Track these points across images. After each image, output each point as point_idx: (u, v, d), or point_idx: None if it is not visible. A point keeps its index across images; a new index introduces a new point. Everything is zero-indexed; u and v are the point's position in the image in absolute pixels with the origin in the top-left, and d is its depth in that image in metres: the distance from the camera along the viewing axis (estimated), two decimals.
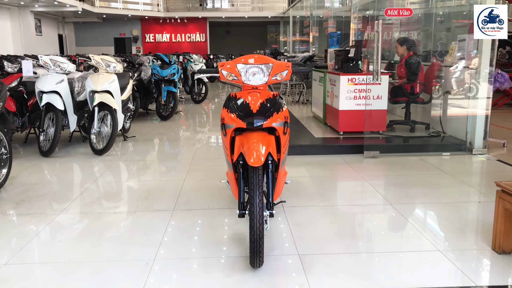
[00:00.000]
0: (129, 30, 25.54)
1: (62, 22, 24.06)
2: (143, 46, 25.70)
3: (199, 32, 25.95)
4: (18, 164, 5.17)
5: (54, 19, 23.20)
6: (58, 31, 23.83)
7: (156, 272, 2.61)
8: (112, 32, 25.34)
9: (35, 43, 19.83)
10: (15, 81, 5.58)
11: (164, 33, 25.87)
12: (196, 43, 26.02)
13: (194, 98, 11.10)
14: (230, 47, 28.47)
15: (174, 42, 25.94)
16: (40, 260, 2.78)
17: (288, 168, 4.86)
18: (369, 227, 3.31)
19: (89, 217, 3.49)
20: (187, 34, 25.99)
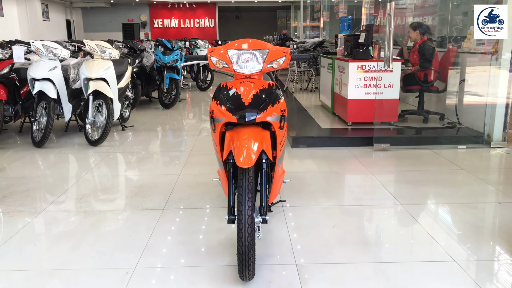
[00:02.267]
0: (137, 16, 25.16)
1: (69, 7, 23.77)
2: (152, 32, 25.32)
3: (208, 17, 25.47)
4: (10, 155, 4.93)
5: (61, 4, 22.92)
6: (66, 17, 23.57)
7: (134, 284, 2.34)
8: (120, 17, 24.99)
9: (43, 28, 19.62)
10: (6, 68, 5.31)
11: (173, 18, 25.44)
12: (205, 28, 25.57)
13: (199, 85, 10.78)
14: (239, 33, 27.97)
15: (182, 27, 25.51)
16: (8, 267, 2.52)
17: (291, 162, 4.58)
18: (377, 232, 2.99)
19: (72, 217, 3.23)
20: (196, 20, 25.53)
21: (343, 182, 3.99)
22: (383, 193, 3.69)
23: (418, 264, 2.53)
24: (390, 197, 3.57)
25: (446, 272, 2.42)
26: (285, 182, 3.08)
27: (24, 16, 18.87)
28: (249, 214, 2.11)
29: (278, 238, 2.86)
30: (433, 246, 2.73)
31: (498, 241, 2.83)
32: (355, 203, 3.46)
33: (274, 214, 3.23)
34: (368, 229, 3.01)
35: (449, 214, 3.26)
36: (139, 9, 25.02)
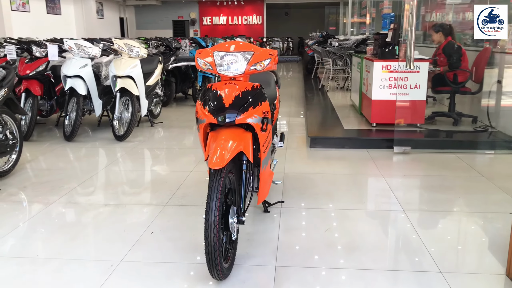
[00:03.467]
0: (187, 13, 25.73)
1: (123, 5, 24.71)
2: (200, 29, 25.81)
3: (255, 14, 25.58)
4: (42, 147, 5.24)
5: (115, 3, 23.86)
6: (119, 14, 24.51)
7: (116, 276, 2.44)
8: (171, 15, 25.65)
9: (96, 26, 20.52)
10: (42, 65, 5.64)
11: (221, 15, 25.78)
12: (253, 25, 25.70)
13: None
14: (287, 30, 27.92)
15: (230, 24, 25.80)
16: (8, 253, 2.71)
17: (304, 163, 4.56)
18: (368, 237, 2.92)
19: (79, 209, 3.40)
20: (244, 17, 25.72)
21: (351, 185, 3.92)
22: (389, 197, 3.59)
23: (401, 273, 2.46)
24: (395, 202, 3.47)
25: (428, 284, 2.34)
26: (276, 183, 3.07)
27: (80, 15, 19.84)
28: (216, 215, 2.15)
29: (265, 239, 2.87)
30: (423, 255, 2.64)
31: (495, 255, 2.68)
32: (356, 207, 3.40)
33: (269, 215, 3.24)
34: (360, 235, 2.95)
35: (451, 223, 3.13)
36: (189, 6, 25.56)
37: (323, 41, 12.85)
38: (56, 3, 18.26)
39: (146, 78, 6.09)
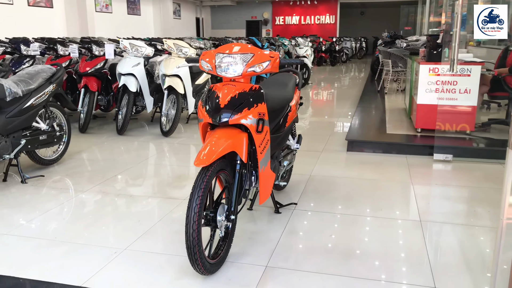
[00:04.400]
0: (261, 13, 26.06)
1: (200, 6, 25.61)
2: (273, 29, 26.02)
3: (329, 13, 25.27)
4: (94, 139, 5.66)
5: (192, 3, 24.80)
6: (196, 15, 25.45)
7: (115, 263, 2.61)
8: (245, 15, 26.15)
9: (173, 26, 21.47)
10: (100, 63, 6.07)
11: (294, 15, 25.79)
12: (325, 25, 25.42)
13: None
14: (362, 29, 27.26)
15: (303, 24, 25.72)
16: (31, 234, 2.99)
17: (335, 166, 4.49)
18: (372, 246, 2.84)
19: (106, 199, 3.65)
20: (317, 16, 25.52)
21: (375, 191, 3.81)
22: (410, 206, 3.45)
23: (394, 285, 2.37)
24: (414, 212, 3.33)
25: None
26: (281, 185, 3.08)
27: (158, 15, 20.90)
28: (196, 211, 2.22)
29: (266, 239, 2.90)
30: (423, 268, 2.52)
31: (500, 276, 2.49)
32: (371, 214, 3.31)
33: (279, 216, 3.26)
34: (364, 242, 2.87)
35: (467, 238, 2.94)
36: (262, 6, 25.89)
37: (391, 41, 12.43)
38: (136, 4, 19.39)
39: (196, 77, 6.33)
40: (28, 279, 2.43)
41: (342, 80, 12.87)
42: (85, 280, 2.43)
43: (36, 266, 2.58)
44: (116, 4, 17.96)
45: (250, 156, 2.66)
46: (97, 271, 2.51)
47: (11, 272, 2.50)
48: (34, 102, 3.98)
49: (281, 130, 3.20)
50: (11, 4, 13.05)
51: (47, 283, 2.40)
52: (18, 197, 3.67)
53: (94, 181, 4.06)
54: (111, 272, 2.51)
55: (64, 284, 2.38)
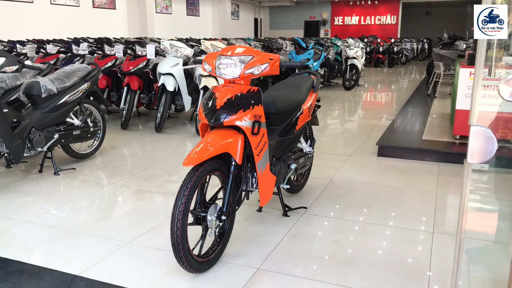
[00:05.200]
0: (319, 13, 25.81)
1: (258, 6, 25.83)
2: (331, 29, 25.67)
3: (390, 14, 24.50)
4: (131, 136, 5.90)
5: (251, 4, 25.07)
6: (254, 15, 25.70)
7: (115, 255, 2.72)
8: (303, 15, 26.01)
9: (231, 27, 21.84)
10: (142, 63, 6.32)
11: (353, 15, 25.27)
12: (386, 25, 24.67)
13: (345, 84, 10.68)
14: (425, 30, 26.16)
15: (362, 25, 25.14)
16: (48, 223, 3.19)
17: (359, 171, 4.37)
18: (373, 255, 2.74)
19: (126, 193, 3.81)
20: (377, 17, 24.83)
21: (394, 199, 3.66)
22: (426, 217, 3.29)
23: None
24: (429, 223, 3.17)
25: None
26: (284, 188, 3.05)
27: (216, 16, 21.34)
28: (181, 210, 2.27)
29: (266, 241, 2.89)
30: (421, 283, 2.40)
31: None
32: (382, 222, 3.19)
33: (287, 219, 3.24)
34: (366, 251, 2.78)
35: (481, 253, 2.76)
36: (321, 7, 25.63)
37: (450, 43, 11.86)
38: (195, 5, 19.93)
39: None
40: (32, 265, 2.60)
41: (395, 82, 12.45)
42: (83, 270, 2.55)
43: (44, 253, 2.75)
44: (175, 5, 18.57)
45: (249, 158, 2.67)
46: (96, 262, 2.64)
47: (20, 257, 2.69)
48: (68, 99, 4.23)
49: (290, 132, 3.18)
50: (78, 6, 13.89)
51: (48, 269, 2.55)
52: (48, 187, 3.92)
53: (120, 175, 4.24)
54: (109, 264, 2.63)
55: (63, 272, 2.52)
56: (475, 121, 1.41)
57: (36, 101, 4.05)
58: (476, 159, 1.43)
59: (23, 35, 10.60)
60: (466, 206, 1.50)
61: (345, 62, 10.84)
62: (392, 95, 10.24)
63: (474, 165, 4.44)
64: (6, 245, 2.86)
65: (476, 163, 4.19)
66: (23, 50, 7.11)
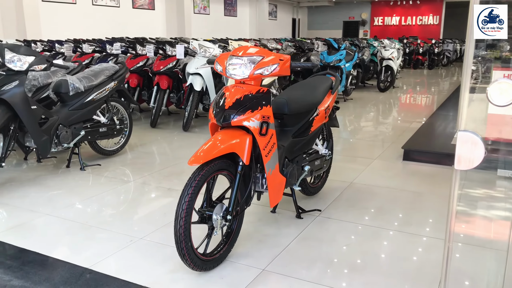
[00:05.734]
0: (359, 14, 25.41)
1: (297, 6, 25.72)
2: (371, 30, 25.22)
3: (432, 14, 23.80)
4: (160, 134, 6.03)
5: (290, 4, 25.01)
6: (292, 15, 25.62)
7: (126, 250, 2.79)
8: (342, 15, 25.70)
9: (268, 27, 21.87)
10: (172, 63, 6.44)
11: (394, 16, 24.72)
12: (428, 26, 23.98)
13: (379, 86, 10.46)
14: None
15: (403, 25, 24.55)
16: (67, 217, 3.30)
17: (381, 175, 4.27)
18: (382, 261, 2.68)
19: (145, 190, 3.89)
20: (419, 17, 24.17)
21: (413, 204, 3.56)
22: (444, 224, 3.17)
23: None
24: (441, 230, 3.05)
25: None
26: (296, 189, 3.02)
27: (253, 16, 21.42)
28: (184, 208, 2.29)
29: (276, 243, 2.88)
30: None
31: None
32: (397, 228, 3.11)
33: (300, 221, 3.21)
34: (376, 257, 2.72)
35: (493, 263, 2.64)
36: (361, 7, 25.24)
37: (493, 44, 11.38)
38: (233, 5, 20.09)
39: None
40: (46, 256, 2.70)
41: (433, 85, 12.09)
42: (94, 263, 2.63)
43: (59, 245, 2.86)
44: (213, 5, 18.78)
45: (258, 159, 2.67)
46: (107, 256, 2.71)
47: (37, 248, 2.80)
48: (95, 97, 4.37)
49: (304, 134, 3.15)
50: (118, 7, 14.31)
51: (61, 261, 2.64)
52: (72, 182, 4.06)
53: (142, 172, 4.34)
54: (119, 258, 2.69)
55: (74, 264, 2.61)
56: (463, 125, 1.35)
57: (64, 99, 4.20)
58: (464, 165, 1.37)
59: (67, 35, 11.02)
60: (454, 213, 1.44)
61: (380, 63, 10.63)
62: (428, 98, 9.96)
63: (501, 172, 4.25)
64: (26, 236, 2.99)
65: (507, 171, 4.01)
66: (61, 49, 7.40)
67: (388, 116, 7.72)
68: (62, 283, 2.41)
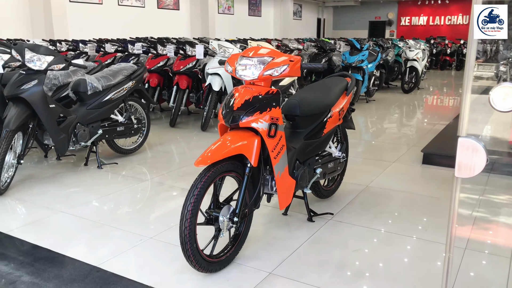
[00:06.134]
0: (385, 14, 25.03)
1: (322, 6, 25.53)
2: (397, 30, 24.80)
3: (462, 13, 23.22)
4: (178, 134, 6.06)
5: (315, 4, 24.85)
6: (317, 15, 25.44)
7: (136, 248, 2.81)
8: (368, 15, 25.36)
9: (292, 27, 21.79)
10: (191, 63, 6.47)
11: (421, 15, 24.24)
12: (457, 26, 23.41)
13: (403, 87, 10.26)
14: None
15: (431, 25, 24.04)
16: (81, 214, 3.34)
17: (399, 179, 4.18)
18: (392, 267, 2.61)
19: (159, 189, 3.91)
20: (447, 17, 23.63)
21: (430, 209, 3.46)
22: (461, 231, 3.07)
23: None
24: (463, 238, 2.96)
25: None
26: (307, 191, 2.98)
27: (278, 16, 21.37)
28: (189, 209, 2.29)
29: (284, 246, 2.85)
30: None
31: None
32: (411, 234, 3.03)
33: (311, 224, 3.17)
34: (386, 262, 2.65)
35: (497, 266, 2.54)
36: (387, 7, 24.85)
37: None
38: (257, 5, 20.09)
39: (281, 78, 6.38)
40: (57, 253, 2.74)
41: (460, 86, 11.79)
42: (103, 261, 2.65)
43: (71, 243, 2.90)
44: (238, 6, 18.83)
45: (267, 161, 2.64)
46: (116, 255, 2.73)
47: (49, 244, 2.84)
48: (113, 96, 4.42)
49: (317, 136, 3.10)
50: (143, 7, 14.50)
51: (71, 259, 2.68)
52: (89, 180, 4.12)
53: (158, 171, 4.37)
54: (128, 257, 2.71)
55: (84, 262, 2.64)
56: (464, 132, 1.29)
57: (83, 98, 4.27)
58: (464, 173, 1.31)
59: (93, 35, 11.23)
60: (454, 224, 1.38)
61: (405, 64, 10.44)
62: (454, 99, 9.72)
63: None
64: (39, 232, 3.04)
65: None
66: (84, 49, 7.54)
67: (410, 118, 7.57)
68: (70, 281, 2.44)
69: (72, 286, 2.39)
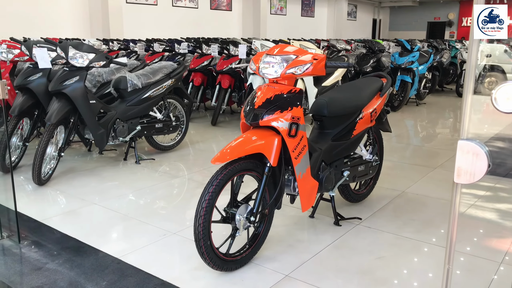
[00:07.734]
0: (445, 14, 23.96)
1: (378, 7, 24.87)
2: (458, 31, 23.67)
3: None
4: (220, 132, 6.12)
5: (370, 5, 24.26)
6: (373, 16, 24.83)
7: (158, 243, 2.85)
8: (427, 16, 24.39)
9: (346, 27, 21.40)
10: (234, 63, 6.50)
11: None
12: None
13: (458, 90, 9.77)
14: None
15: None
16: (112, 207, 3.45)
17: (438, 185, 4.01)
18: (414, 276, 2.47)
19: (190, 185, 3.96)
20: None
21: (466, 220, 3.26)
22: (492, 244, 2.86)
23: None
24: (498, 252, 2.76)
25: None
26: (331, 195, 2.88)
27: (331, 17, 21.07)
28: (203, 206, 2.28)
29: (305, 249, 2.78)
30: None
31: None
32: (439, 243, 2.86)
33: (338, 228, 3.08)
34: (411, 272, 2.51)
35: None
36: (448, 7, 23.78)
37: None
38: (310, 6, 19.91)
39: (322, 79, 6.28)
40: (84, 243, 2.84)
41: None
42: (125, 254, 2.71)
43: (98, 234, 2.99)
44: (290, 6, 18.75)
45: (288, 161, 2.59)
46: (138, 248, 2.79)
47: (77, 235, 2.95)
48: (152, 94, 4.53)
49: (346, 137, 3.01)
50: (197, 8, 14.79)
51: (95, 249, 2.76)
52: (125, 175, 4.25)
53: (192, 168, 4.42)
54: (149, 251, 2.76)
55: (106, 254, 2.71)
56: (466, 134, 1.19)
57: (123, 94, 4.41)
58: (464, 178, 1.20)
59: (147, 35, 11.60)
60: (454, 234, 1.27)
61: (460, 66, 9.95)
62: None
63: None
64: (70, 223, 3.17)
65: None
66: (134, 48, 7.79)
67: (456, 122, 7.18)
68: (91, 271, 2.51)
69: (92, 275, 2.47)
